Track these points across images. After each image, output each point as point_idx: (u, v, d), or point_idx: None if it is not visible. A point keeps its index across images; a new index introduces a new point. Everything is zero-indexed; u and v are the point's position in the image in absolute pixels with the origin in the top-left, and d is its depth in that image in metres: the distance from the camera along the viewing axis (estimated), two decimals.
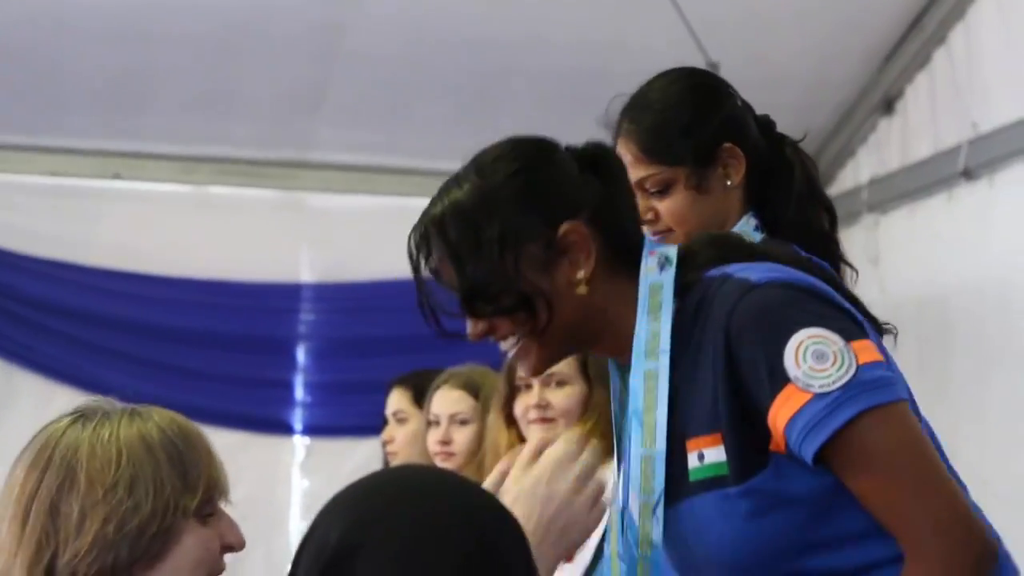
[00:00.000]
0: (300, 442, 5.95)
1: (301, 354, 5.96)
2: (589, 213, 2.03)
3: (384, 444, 4.71)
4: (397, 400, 4.62)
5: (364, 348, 5.89)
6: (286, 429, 5.93)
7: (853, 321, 1.95)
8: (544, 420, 3.54)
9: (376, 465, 5.05)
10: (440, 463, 4.06)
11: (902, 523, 1.84)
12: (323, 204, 5.95)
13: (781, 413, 1.87)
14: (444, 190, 2.10)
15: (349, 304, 5.95)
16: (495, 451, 3.61)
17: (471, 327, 2.06)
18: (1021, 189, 4.66)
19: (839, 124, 5.61)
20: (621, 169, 2.11)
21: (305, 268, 5.97)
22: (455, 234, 2.03)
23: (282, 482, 5.91)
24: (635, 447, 1.99)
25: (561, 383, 3.56)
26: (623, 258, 2.04)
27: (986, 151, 4.84)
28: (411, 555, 1.39)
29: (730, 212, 2.58)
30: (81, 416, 1.93)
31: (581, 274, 2.01)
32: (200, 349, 5.82)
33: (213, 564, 1.96)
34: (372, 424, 5.05)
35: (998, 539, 1.90)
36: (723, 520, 1.93)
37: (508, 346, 2.06)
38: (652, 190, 2.57)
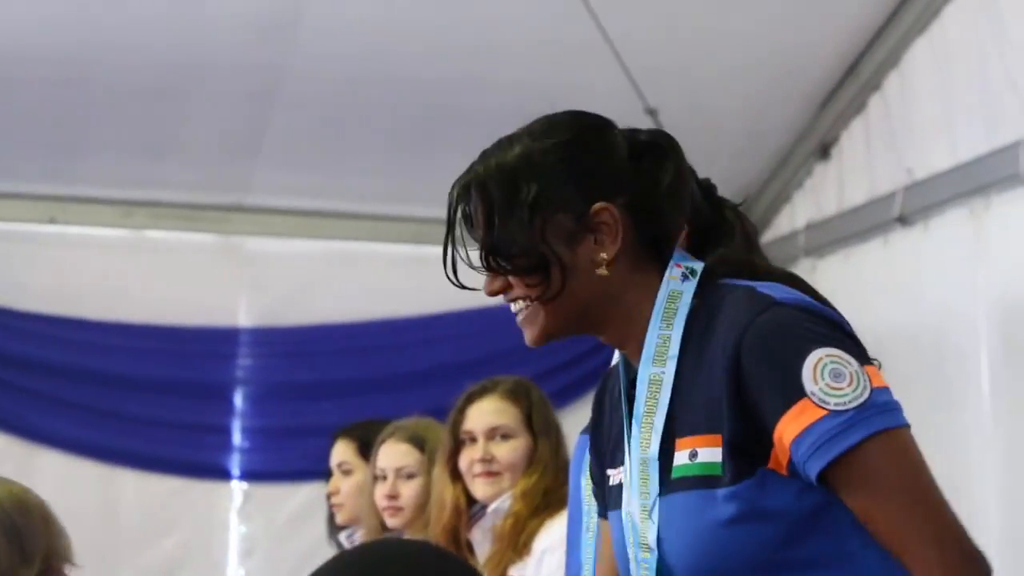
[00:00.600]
0: (238, 487, 5.91)
1: (239, 399, 5.93)
2: (627, 199, 2.03)
3: (329, 496, 4.67)
4: (342, 451, 4.59)
5: (302, 393, 5.87)
6: (223, 474, 5.89)
7: (861, 349, 1.98)
8: (489, 474, 3.54)
9: (316, 512, 5.02)
10: (388, 518, 4.04)
11: (907, 539, 1.88)
12: (261, 248, 5.93)
13: (791, 427, 1.89)
14: (496, 148, 2.12)
15: (287, 349, 5.93)
16: (440, 505, 3.60)
17: (488, 283, 2.08)
18: (955, 235, 4.70)
19: (776, 169, 5.64)
20: (676, 164, 2.07)
21: (243, 312, 5.94)
22: (494, 190, 2.05)
23: (219, 528, 5.87)
24: (635, 451, 2.02)
25: (506, 436, 3.57)
26: (652, 252, 2.05)
27: (921, 197, 4.88)
28: None
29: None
30: None
31: (604, 256, 2.01)
32: (136, 394, 5.78)
33: None
34: (310, 469, 5.03)
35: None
36: (702, 520, 1.94)
37: (517, 309, 2.07)
38: None
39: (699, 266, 2.04)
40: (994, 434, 4.44)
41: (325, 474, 4.75)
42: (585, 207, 2.02)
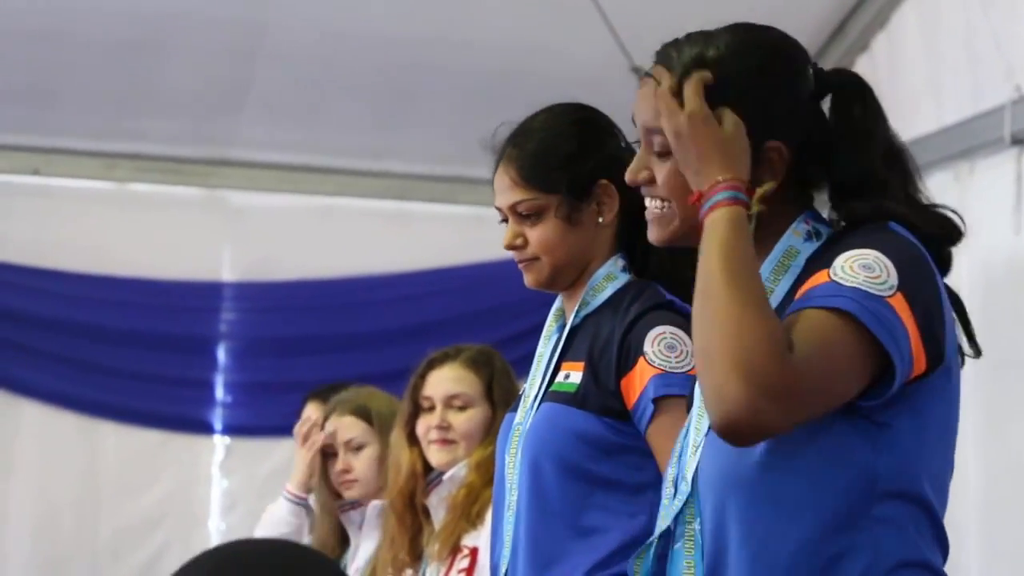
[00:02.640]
0: (220, 441, 5.92)
1: (222, 353, 5.93)
2: (800, 140, 2.00)
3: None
4: (312, 413, 4.60)
5: (285, 348, 5.87)
6: (206, 428, 5.89)
7: None
8: (444, 441, 3.54)
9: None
10: (345, 491, 4.06)
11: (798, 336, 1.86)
12: (245, 202, 5.91)
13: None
14: (693, 41, 2.06)
15: (270, 303, 5.93)
16: (397, 469, 3.59)
17: (631, 170, 2.10)
18: (940, 199, 4.68)
19: None
20: (864, 108, 2.03)
21: (226, 267, 5.94)
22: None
23: (202, 481, 5.88)
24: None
25: (464, 406, 3.56)
26: (798, 190, 2.03)
27: None
28: None
29: (599, 249, 2.64)
30: None
31: (760, 191, 1.96)
32: (119, 347, 5.78)
33: None
34: (292, 424, 5.02)
35: None
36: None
37: (652, 207, 2.07)
38: (524, 215, 2.63)
39: (826, 231, 2.01)
40: (973, 397, 4.44)
41: None
42: (761, 140, 1.97)
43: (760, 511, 1.91)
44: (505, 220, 2.68)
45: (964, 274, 4.55)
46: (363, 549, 3.98)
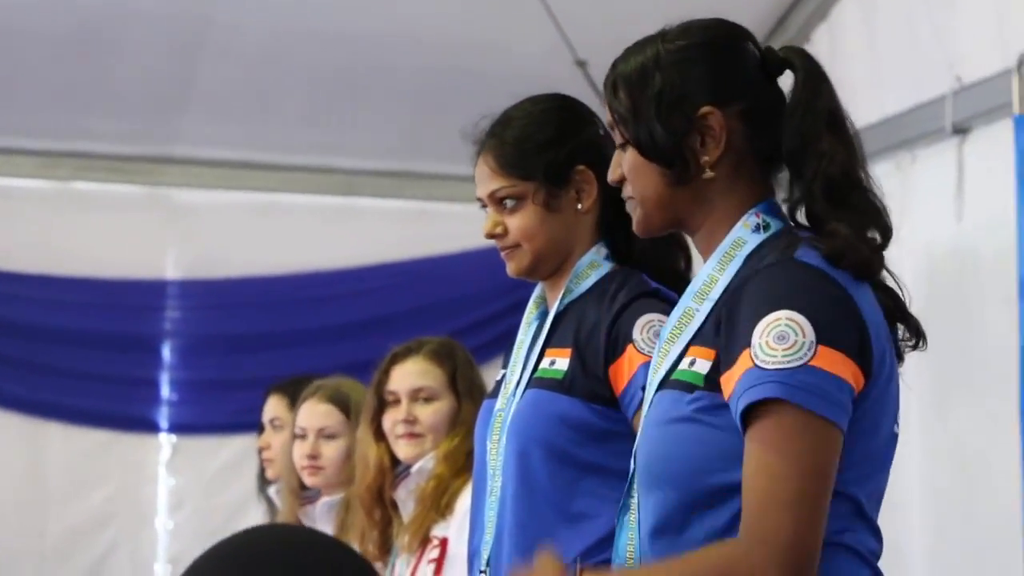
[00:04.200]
0: (166, 440, 5.90)
1: (167, 351, 5.91)
2: (743, 108, 2.06)
3: (260, 451, 4.66)
4: (274, 407, 4.58)
5: (230, 345, 5.86)
6: (152, 427, 5.87)
7: (839, 333, 2.02)
8: (412, 435, 3.54)
9: (244, 465, 5.01)
10: (308, 477, 4.02)
11: (745, 517, 1.90)
12: (189, 200, 5.89)
13: (735, 371, 1.96)
14: (636, 46, 2.15)
15: (215, 301, 5.91)
16: (364, 464, 3.59)
17: (611, 170, 2.18)
18: (887, 187, 4.71)
19: None
20: (811, 76, 2.08)
21: (171, 264, 5.92)
22: (629, 85, 2.11)
23: (148, 480, 5.85)
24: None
25: (429, 399, 3.56)
26: (766, 171, 2.09)
27: None
28: None
29: (580, 237, 2.65)
30: None
31: (705, 159, 2.06)
32: (63, 347, 5.74)
33: None
34: (239, 422, 5.03)
35: None
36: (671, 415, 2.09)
37: (625, 195, 2.15)
38: (503, 202, 2.66)
39: (777, 225, 2.07)
40: (916, 385, 4.48)
41: (254, 427, 4.74)
42: (696, 108, 2.05)
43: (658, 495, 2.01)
44: (485, 207, 2.70)
45: (907, 262, 4.58)
46: None
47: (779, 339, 1.90)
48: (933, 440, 4.51)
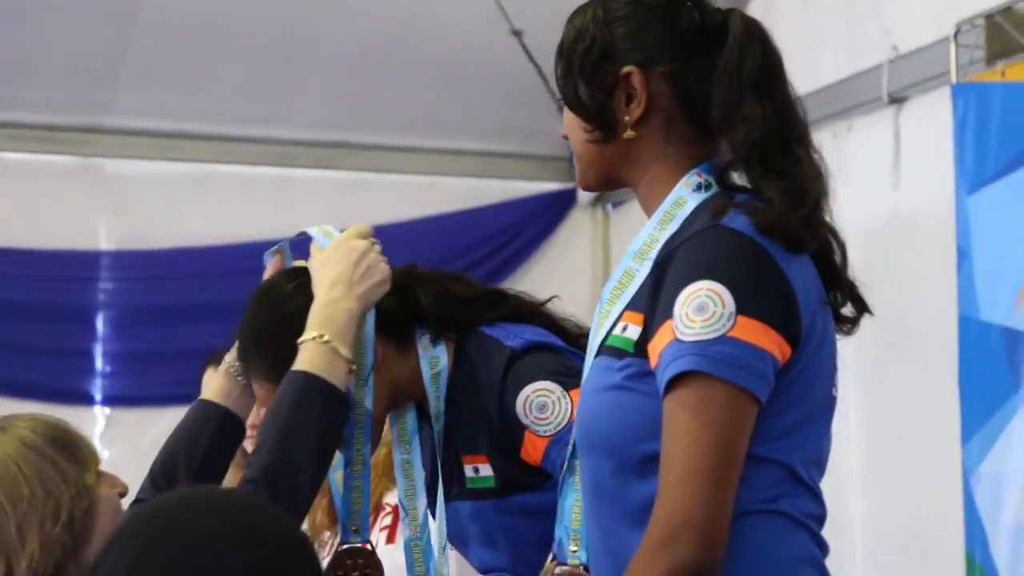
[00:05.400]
0: (100, 412, 5.86)
1: (100, 323, 5.86)
2: (670, 69, 2.07)
3: None
4: (210, 378, 4.54)
5: (164, 317, 5.82)
6: (86, 399, 5.83)
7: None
8: None
9: None
10: (251, 446, 3.99)
11: (658, 493, 1.90)
12: (121, 170, 5.84)
13: (657, 343, 1.94)
14: (580, 9, 2.15)
15: (149, 272, 5.87)
16: None
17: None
18: (824, 156, 4.74)
19: None
20: (741, 39, 2.06)
21: (104, 235, 5.87)
22: (566, 41, 2.13)
23: None
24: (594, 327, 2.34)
25: None
26: (701, 133, 2.07)
27: None
28: None
29: (396, 378, 2.56)
30: None
31: (627, 118, 2.07)
32: None
33: (120, 511, 2.27)
34: (173, 394, 4.97)
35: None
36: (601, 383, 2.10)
37: (572, 148, 2.16)
38: None
39: (717, 186, 2.05)
40: (853, 352, 4.51)
41: (189, 399, 4.69)
42: (620, 67, 2.07)
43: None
44: None
45: (844, 231, 4.59)
46: None
47: (698, 310, 1.89)
48: (872, 408, 4.54)
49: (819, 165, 2.07)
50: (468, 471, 2.53)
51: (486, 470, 2.51)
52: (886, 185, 4.48)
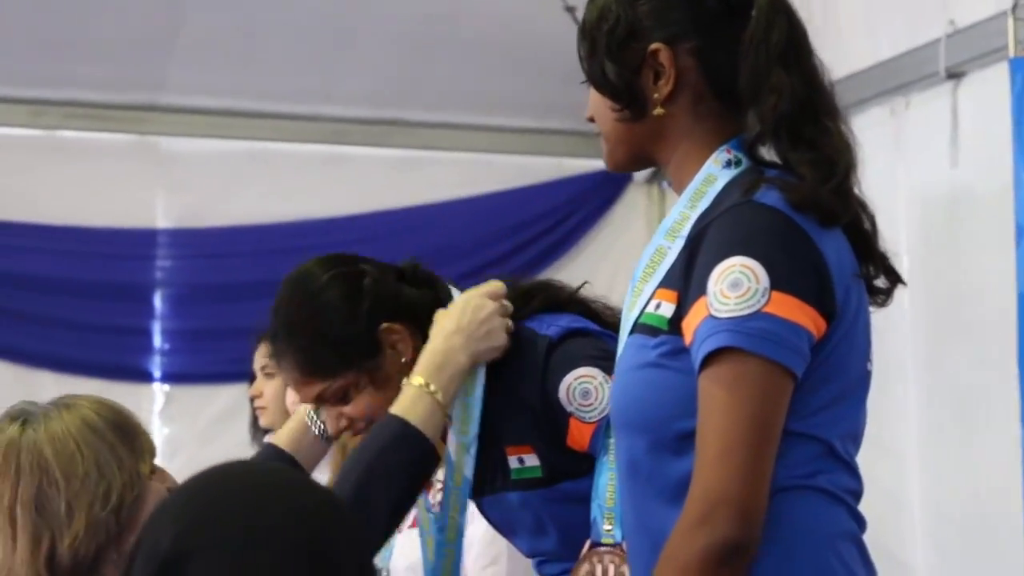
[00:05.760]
0: (159, 389, 5.89)
1: (158, 301, 5.89)
2: (696, 44, 2.06)
3: (252, 399, 4.65)
4: (264, 354, 4.57)
5: (221, 294, 5.84)
6: (145, 377, 5.86)
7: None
8: None
9: (238, 414, 5.00)
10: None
11: (695, 470, 1.90)
12: (177, 148, 5.86)
13: (691, 320, 1.94)
14: None
15: (205, 250, 5.89)
16: None
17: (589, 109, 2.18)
18: (876, 134, 4.71)
19: None
20: (767, 11, 2.05)
21: (160, 213, 5.89)
22: (589, 21, 2.14)
23: None
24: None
25: None
26: (729, 108, 2.07)
27: (841, 96, 4.82)
28: (243, 561, 1.39)
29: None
30: (22, 420, 2.16)
31: (656, 96, 2.07)
32: (55, 297, 5.73)
33: None
34: (231, 371, 5.01)
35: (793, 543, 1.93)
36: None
37: (595, 131, 2.16)
38: (332, 401, 2.56)
39: (748, 161, 2.05)
40: (912, 329, 4.49)
41: (246, 376, 4.73)
42: (647, 45, 2.06)
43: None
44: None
45: (902, 208, 4.57)
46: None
47: (732, 286, 1.89)
48: (930, 386, 4.51)
49: (847, 136, 2.07)
50: (513, 462, 2.53)
51: (532, 460, 2.51)
52: (944, 161, 4.45)
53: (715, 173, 2.04)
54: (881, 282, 2.10)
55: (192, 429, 5.81)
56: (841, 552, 1.98)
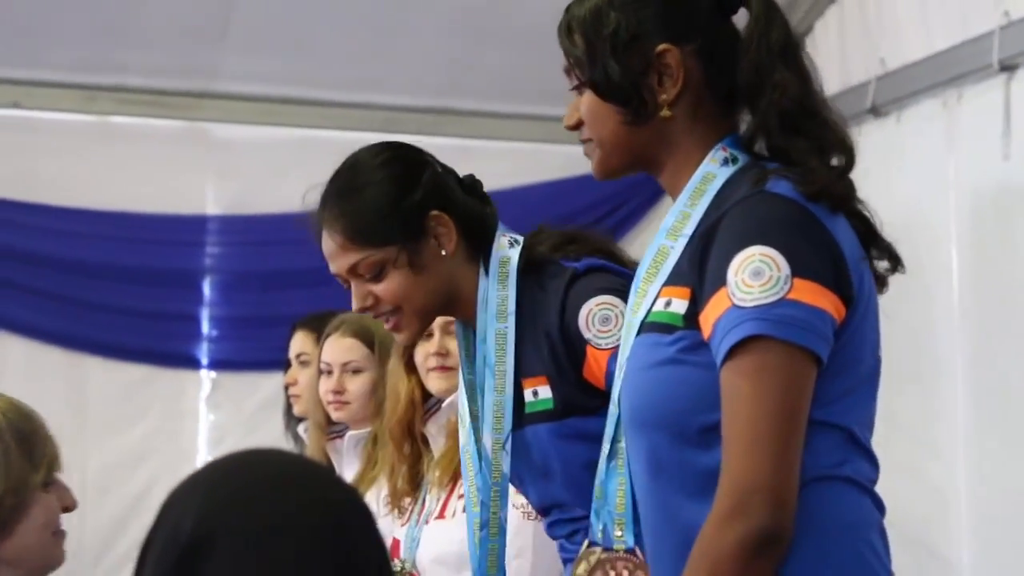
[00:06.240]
0: (206, 376, 5.91)
1: (207, 287, 5.91)
2: (698, 45, 2.08)
3: (287, 387, 4.66)
4: (301, 342, 4.58)
5: (270, 281, 5.85)
6: (192, 363, 5.88)
7: (816, 265, 2.02)
8: (443, 368, 3.49)
9: (282, 401, 5.01)
10: (334, 412, 4.02)
11: (724, 461, 1.90)
12: (228, 135, 5.87)
13: (711, 312, 1.94)
14: None
15: (255, 237, 5.90)
16: (395, 397, 3.55)
17: (566, 117, 2.20)
18: (928, 126, 4.68)
19: None
20: (765, 11, 2.08)
21: (210, 200, 5.91)
22: (585, 25, 2.12)
23: (189, 416, 5.87)
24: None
25: None
26: (724, 108, 2.10)
27: (894, 88, 4.85)
28: (267, 544, 1.39)
29: (457, 277, 2.62)
30: None
31: (664, 97, 2.08)
32: (104, 282, 5.75)
33: (56, 525, 2.35)
34: (278, 358, 5.00)
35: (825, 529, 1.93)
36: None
37: (582, 138, 2.17)
38: (365, 275, 2.59)
39: (745, 158, 2.07)
40: (962, 324, 4.45)
41: (286, 364, 4.74)
42: (652, 47, 2.07)
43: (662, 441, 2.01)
44: (347, 284, 2.65)
45: (953, 201, 4.53)
46: (345, 479, 3.97)
47: (754, 275, 1.90)
48: (979, 382, 4.47)
49: (843, 128, 2.10)
50: (528, 395, 2.55)
51: (545, 392, 2.53)
52: (996, 155, 4.40)
53: (713, 171, 2.06)
54: (883, 267, 2.12)
55: (238, 416, 5.83)
56: (873, 543, 2.00)
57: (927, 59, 4.67)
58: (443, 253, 2.59)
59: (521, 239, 2.63)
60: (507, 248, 2.60)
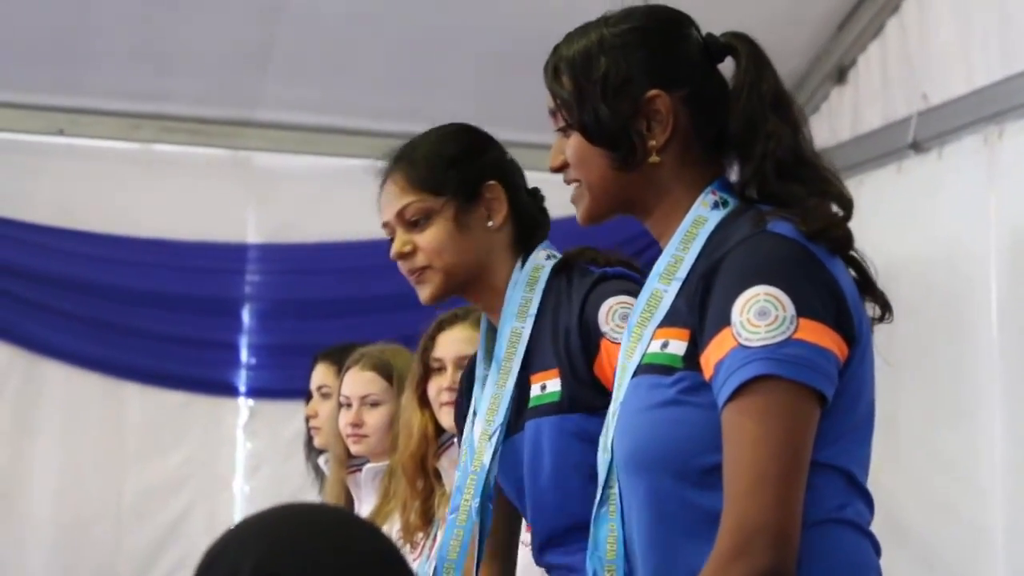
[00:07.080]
0: (244, 404, 5.91)
1: (246, 315, 5.92)
2: (687, 92, 2.09)
3: (307, 419, 4.66)
4: (322, 374, 4.58)
5: (309, 310, 5.86)
6: (230, 390, 5.89)
7: (824, 305, 2.01)
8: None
9: None
10: (352, 445, 4.03)
11: (726, 501, 1.89)
12: (269, 164, 5.89)
13: (714, 352, 1.94)
14: (578, 31, 2.18)
15: (295, 265, 5.91)
16: (408, 431, 3.54)
17: (551, 157, 2.18)
18: (969, 162, 4.67)
19: (792, 92, 5.55)
20: (754, 61, 2.10)
21: (251, 228, 5.92)
22: (574, 68, 2.13)
23: (226, 444, 5.88)
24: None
25: None
26: (711, 154, 2.11)
27: (935, 123, 4.84)
28: None
29: (494, 254, 2.66)
30: None
31: (652, 143, 2.08)
32: (144, 309, 5.77)
33: None
34: None
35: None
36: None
37: (567, 180, 2.17)
38: (411, 219, 2.64)
39: (735, 202, 2.08)
40: (1001, 361, 4.43)
41: (307, 396, 4.73)
42: (642, 92, 2.07)
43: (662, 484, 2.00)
44: (391, 239, 2.69)
45: (993, 238, 4.52)
46: (363, 512, 3.97)
47: (760, 315, 1.89)
48: (1017, 419, 4.44)
49: (839, 178, 2.10)
50: (535, 390, 2.56)
51: (554, 385, 2.54)
52: None
53: (704, 215, 2.06)
54: (874, 312, 2.11)
55: (275, 444, 5.83)
56: None
57: (969, 95, 4.66)
58: (489, 224, 2.64)
59: (559, 255, 2.68)
60: (544, 259, 2.65)
